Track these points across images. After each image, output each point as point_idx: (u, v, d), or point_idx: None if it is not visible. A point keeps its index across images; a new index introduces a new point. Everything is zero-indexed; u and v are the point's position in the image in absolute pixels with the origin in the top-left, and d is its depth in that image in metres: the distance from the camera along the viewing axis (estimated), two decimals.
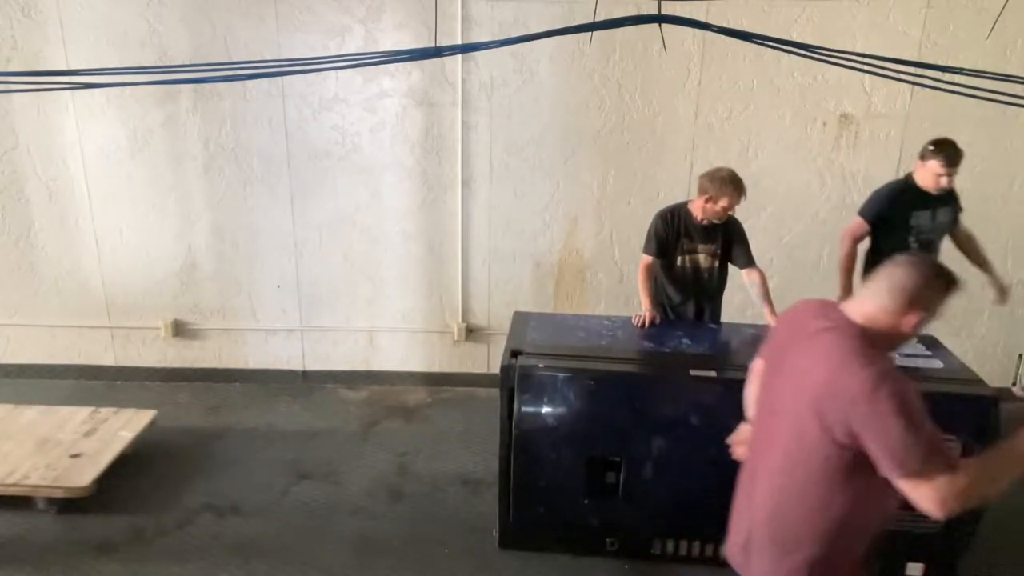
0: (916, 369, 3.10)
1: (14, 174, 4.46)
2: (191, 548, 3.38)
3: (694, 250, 3.61)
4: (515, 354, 3.11)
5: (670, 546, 3.17)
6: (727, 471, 3.01)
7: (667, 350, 3.24)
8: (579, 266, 4.61)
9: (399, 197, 4.51)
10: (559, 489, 3.12)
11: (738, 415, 2.95)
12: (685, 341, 3.35)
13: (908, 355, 3.20)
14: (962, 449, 2.83)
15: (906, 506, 2.84)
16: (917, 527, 2.95)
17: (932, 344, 3.33)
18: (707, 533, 3.13)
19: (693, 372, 3.01)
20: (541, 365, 3.04)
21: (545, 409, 3.05)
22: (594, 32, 3.54)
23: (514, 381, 3.03)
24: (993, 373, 4.25)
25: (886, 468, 1.66)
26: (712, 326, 3.67)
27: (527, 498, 3.18)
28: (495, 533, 3.32)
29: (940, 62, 3.20)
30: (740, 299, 4.63)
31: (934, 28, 4.10)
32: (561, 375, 3.02)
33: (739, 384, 2.97)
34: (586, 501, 3.10)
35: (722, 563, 3.11)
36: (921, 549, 3.02)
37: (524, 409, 3.04)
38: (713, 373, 3.00)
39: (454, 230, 4.54)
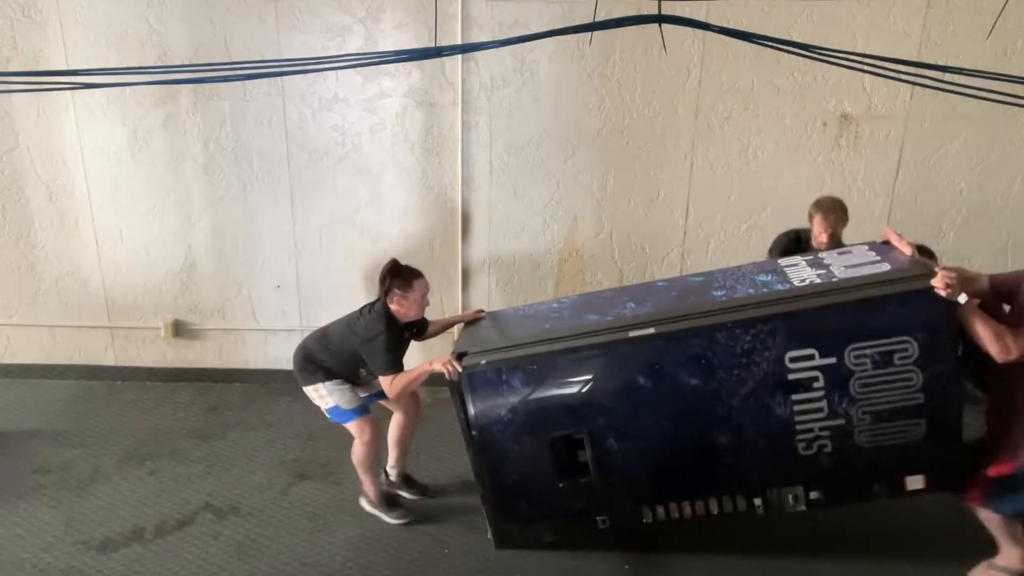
0: (861, 277, 2.93)
1: (14, 174, 4.46)
2: (191, 548, 3.38)
3: None
4: (459, 356, 3.11)
5: (660, 512, 3.10)
6: (688, 425, 2.97)
7: (610, 318, 3.16)
8: (579, 266, 4.61)
9: (399, 197, 4.51)
10: (532, 479, 3.11)
11: (684, 365, 2.89)
12: (631, 306, 3.25)
13: (853, 265, 3.04)
14: (920, 349, 2.72)
15: (880, 418, 2.81)
16: (897, 439, 2.84)
17: (881, 250, 3.14)
18: (690, 491, 3.07)
19: (632, 334, 2.95)
20: (483, 362, 3.04)
21: (497, 403, 3.04)
22: (594, 32, 3.54)
23: (462, 383, 3.04)
24: None
25: None
26: (661, 283, 3.57)
27: (505, 495, 3.17)
28: (490, 536, 3.32)
29: (940, 62, 3.19)
30: None
31: (934, 28, 4.09)
32: (504, 367, 3.01)
33: (679, 334, 2.90)
34: (561, 484, 3.08)
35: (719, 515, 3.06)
36: (912, 460, 2.90)
37: (477, 408, 3.05)
38: (651, 330, 2.94)
39: (454, 230, 4.55)
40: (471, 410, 3.07)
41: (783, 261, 3.34)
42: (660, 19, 2.58)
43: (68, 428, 4.30)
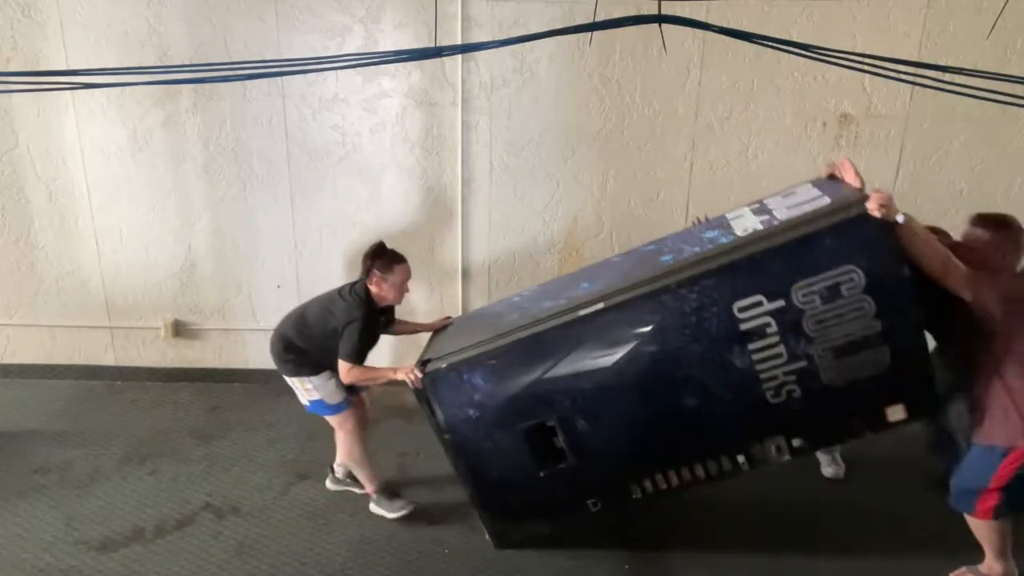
0: (800, 216, 2.80)
1: (14, 174, 4.47)
2: (191, 548, 3.38)
3: None
4: (424, 364, 3.11)
5: (648, 485, 3.07)
6: (654, 394, 2.93)
7: (563, 301, 3.11)
8: (579, 266, 4.60)
9: (399, 197, 4.51)
10: (513, 473, 3.10)
11: (638, 334, 2.86)
12: (584, 286, 3.22)
13: (795, 205, 2.92)
14: (866, 276, 2.64)
15: (842, 352, 2.73)
16: (865, 370, 2.76)
17: (825, 185, 3.01)
18: (672, 459, 3.04)
19: (582, 312, 2.93)
20: (444, 365, 3.04)
21: (463, 404, 3.05)
22: (594, 32, 3.54)
23: (427, 390, 3.05)
24: None
25: None
26: (616, 259, 3.52)
27: (491, 494, 3.18)
28: (487, 536, 3.32)
29: (940, 62, 3.19)
30: None
31: (934, 28, 4.10)
32: (464, 367, 3.02)
33: (626, 304, 2.87)
34: (542, 474, 3.07)
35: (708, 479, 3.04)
36: (885, 389, 2.80)
37: (445, 412, 3.07)
38: (600, 305, 2.90)
39: (454, 230, 4.55)
40: (439, 415, 3.09)
41: (730, 214, 3.24)
42: (660, 19, 2.58)
43: (68, 428, 4.30)
